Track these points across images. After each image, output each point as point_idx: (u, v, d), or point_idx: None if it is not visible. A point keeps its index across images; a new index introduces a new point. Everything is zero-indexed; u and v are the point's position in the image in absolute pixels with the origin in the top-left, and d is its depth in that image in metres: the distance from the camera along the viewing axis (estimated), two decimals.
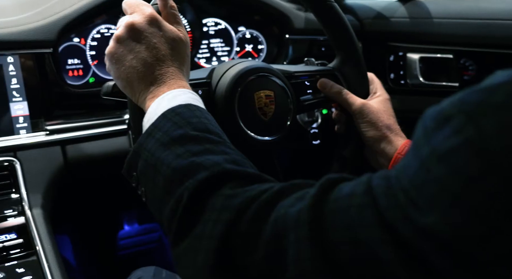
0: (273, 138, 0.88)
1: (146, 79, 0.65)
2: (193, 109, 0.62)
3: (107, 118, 1.12)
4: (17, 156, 0.96)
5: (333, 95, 0.94)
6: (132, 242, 1.71)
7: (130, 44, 0.66)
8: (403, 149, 0.87)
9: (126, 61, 0.66)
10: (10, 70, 0.97)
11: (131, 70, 0.66)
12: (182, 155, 0.56)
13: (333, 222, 0.42)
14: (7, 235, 0.85)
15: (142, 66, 0.65)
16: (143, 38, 0.66)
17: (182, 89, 0.65)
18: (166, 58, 0.67)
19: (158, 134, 0.59)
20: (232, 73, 0.86)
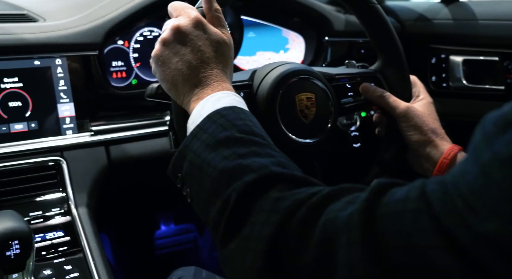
0: (314, 141, 0.88)
1: (191, 81, 0.66)
2: (237, 112, 0.62)
3: (148, 119, 1.14)
4: (63, 156, 0.99)
5: (376, 99, 0.93)
6: (168, 242, 1.73)
7: (176, 47, 0.67)
8: (449, 154, 0.85)
9: (172, 63, 0.67)
10: (58, 72, 0.99)
11: (176, 73, 0.67)
12: (229, 157, 0.56)
13: (386, 226, 0.42)
14: (54, 233, 0.87)
15: (187, 68, 0.66)
16: (189, 41, 0.67)
17: (226, 92, 0.66)
18: (211, 60, 0.67)
19: (204, 136, 0.59)
20: (274, 75, 0.86)
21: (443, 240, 0.38)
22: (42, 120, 0.99)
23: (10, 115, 0.95)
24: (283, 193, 0.51)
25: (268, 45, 1.33)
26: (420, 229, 0.39)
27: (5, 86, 0.94)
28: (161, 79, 0.70)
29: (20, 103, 0.96)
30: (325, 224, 0.46)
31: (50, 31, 0.97)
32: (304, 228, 0.47)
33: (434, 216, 0.39)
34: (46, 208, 0.92)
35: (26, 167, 0.95)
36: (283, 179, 0.53)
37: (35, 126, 0.98)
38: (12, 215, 0.72)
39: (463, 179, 0.39)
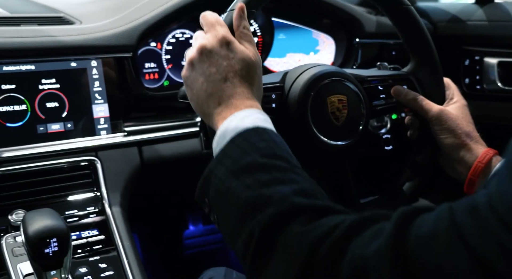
0: (345, 143, 0.87)
1: (215, 101, 0.67)
2: (260, 133, 0.62)
3: (179, 120, 1.15)
4: (98, 156, 1.01)
5: (408, 102, 0.92)
6: (196, 242, 1.74)
7: (202, 67, 0.68)
8: (484, 158, 0.84)
9: (198, 83, 0.68)
10: (94, 74, 1.01)
11: (201, 93, 0.68)
12: (251, 186, 0.56)
13: (418, 263, 0.40)
14: (89, 231, 0.89)
15: (211, 88, 0.67)
16: (214, 60, 0.68)
17: (250, 110, 0.66)
18: (236, 79, 0.68)
19: (228, 161, 0.60)
20: (305, 77, 0.86)
21: (482, 272, 0.37)
22: (78, 120, 1.01)
23: (48, 116, 0.98)
24: (305, 227, 0.50)
25: (298, 47, 1.33)
26: (456, 264, 0.38)
27: (43, 87, 0.97)
28: (189, 98, 0.72)
29: (57, 104, 0.98)
30: (352, 262, 0.45)
31: (86, 34, 1.00)
32: (330, 265, 0.46)
33: (469, 248, 0.38)
34: (81, 207, 0.94)
35: (62, 167, 0.97)
36: (305, 211, 0.52)
37: (71, 127, 1.00)
38: (50, 213, 0.73)
39: (501, 200, 0.37)
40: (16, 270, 0.77)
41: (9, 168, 0.92)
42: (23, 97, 0.95)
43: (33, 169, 0.95)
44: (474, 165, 0.84)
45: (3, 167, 0.92)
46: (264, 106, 0.84)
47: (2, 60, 0.92)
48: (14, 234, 0.84)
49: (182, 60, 1.19)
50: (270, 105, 0.85)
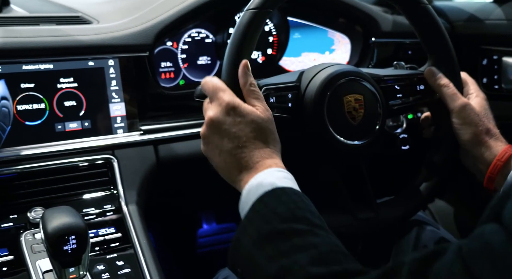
0: (362, 143, 0.87)
1: (235, 169, 0.70)
2: (279, 194, 0.64)
3: (195, 119, 1.15)
4: (114, 154, 1.01)
5: (437, 87, 0.90)
6: (210, 240, 1.75)
7: (214, 140, 0.72)
8: (503, 155, 0.83)
9: (216, 156, 0.72)
10: (111, 73, 1.02)
11: (221, 164, 0.71)
12: (273, 256, 0.57)
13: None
14: (107, 229, 0.90)
15: (228, 158, 0.70)
16: (223, 131, 0.71)
17: (268, 170, 0.68)
18: (249, 142, 0.70)
19: (250, 230, 0.61)
20: (322, 76, 0.86)
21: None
22: (95, 119, 1.02)
23: (66, 114, 0.99)
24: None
25: (314, 46, 1.33)
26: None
27: (61, 86, 0.98)
28: (216, 169, 0.74)
29: (75, 103, 0.99)
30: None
31: (103, 33, 1.00)
32: None
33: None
34: (98, 205, 0.95)
35: (79, 165, 0.98)
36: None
37: (88, 125, 1.01)
38: (69, 211, 0.74)
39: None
40: (35, 266, 0.78)
41: (27, 166, 0.93)
42: (42, 96, 0.96)
43: (51, 167, 0.96)
44: (493, 163, 0.83)
45: (22, 165, 0.93)
46: (280, 105, 0.85)
47: (22, 59, 0.93)
48: (33, 231, 0.85)
49: (197, 59, 1.19)
50: (286, 105, 0.85)
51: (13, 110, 0.94)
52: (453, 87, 0.89)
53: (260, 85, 0.81)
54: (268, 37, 1.26)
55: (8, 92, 0.93)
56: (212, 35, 1.20)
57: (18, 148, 0.94)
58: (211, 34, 1.20)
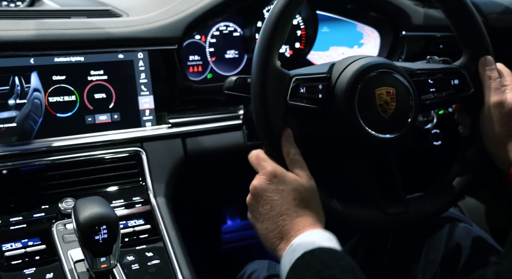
0: (393, 136, 0.85)
1: (276, 237, 0.70)
2: (307, 259, 0.63)
3: (222, 113, 1.15)
4: (143, 147, 1.02)
5: (485, 77, 0.87)
6: (234, 236, 1.75)
7: (258, 207, 0.73)
8: None
9: (258, 223, 0.73)
10: (140, 66, 1.02)
11: (264, 232, 0.72)
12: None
13: None
14: (136, 221, 0.90)
15: (270, 225, 0.71)
16: (266, 199, 0.72)
17: (306, 233, 0.68)
18: (291, 210, 0.71)
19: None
20: (353, 68, 0.85)
21: None
22: (124, 111, 1.02)
23: (95, 106, 0.99)
24: None
25: (342, 40, 1.31)
26: None
27: (91, 78, 0.98)
28: (259, 237, 0.75)
29: (105, 95, 1.00)
30: None
31: (133, 26, 1.01)
32: None
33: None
34: (127, 197, 0.95)
35: (109, 157, 0.99)
36: None
37: (118, 118, 1.02)
38: (100, 201, 0.75)
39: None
40: (67, 256, 0.79)
41: (58, 157, 0.94)
42: (73, 88, 0.97)
43: (81, 159, 0.96)
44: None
45: (53, 156, 0.94)
46: (310, 96, 0.84)
47: (54, 51, 0.94)
48: (64, 222, 0.86)
49: (225, 53, 1.19)
50: (317, 96, 0.84)
51: (45, 102, 0.95)
52: (498, 82, 0.86)
53: (290, 75, 0.81)
54: (296, 30, 1.24)
55: (41, 84, 0.94)
56: (240, 28, 1.19)
57: (50, 139, 0.95)
58: (239, 27, 1.19)
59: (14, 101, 0.92)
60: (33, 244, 0.81)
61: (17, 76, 0.91)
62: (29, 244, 0.81)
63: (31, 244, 0.81)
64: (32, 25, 0.92)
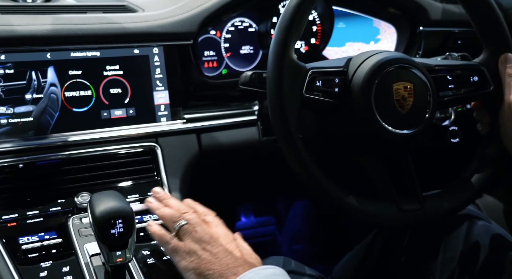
0: (410, 132, 0.84)
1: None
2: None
3: (237, 108, 1.15)
4: (158, 142, 1.02)
5: (505, 75, 0.85)
6: (248, 233, 1.74)
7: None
8: None
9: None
10: (155, 61, 1.02)
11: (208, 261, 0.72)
12: None
13: None
14: (151, 216, 0.90)
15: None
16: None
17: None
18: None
19: None
20: (371, 63, 0.84)
21: None
22: (139, 107, 1.02)
23: (111, 101, 0.99)
24: None
25: (358, 36, 1.30)
26: None
27: (107, 73, 0.98)
28: None
29: (120, 90, 1.00)
30: None
31: (149, 21, 1.01)
32: None
33: None
34: (142, 192, 0.95)
35: (124, 152, 0.99)
36: None
37: (133, 113, 1.02)
38: (116, 195, 0.74)
39: None
40: (83, 249, 0.79)
41: (74, 151, 0.95)
42: (89, 83, 0.97)
43: (97, 154, 0.97)
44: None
45: (69, 150, 0.94)
46: (326, 89, 0.83)
47: (70, 46, 0.94)
48: (80, 216, 0.86)
49: (240, 49, 1.18)
50: (333, 89, 0.83)
51: (61, 96, 0.95)
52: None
53: (306, 68, 0.80)
54: (311, 26, 1.24)
55: (57, 78, 0.94)
56: (256, 24, 1.19)
57: (66, 134, 0.95)
58: (255, 23, 1.18)
59: (31, 95, 0.92)
60: (49, 237, 0.82)
61: (34, 71, 0.92)
62: (45, 238, 0.82)
63: (47, 238, 0.82)
64: (49, 20, 0.93)
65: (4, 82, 0.90)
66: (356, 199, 0.83)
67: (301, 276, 0.92)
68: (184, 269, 0.72)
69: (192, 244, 0.73)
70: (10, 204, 0.86)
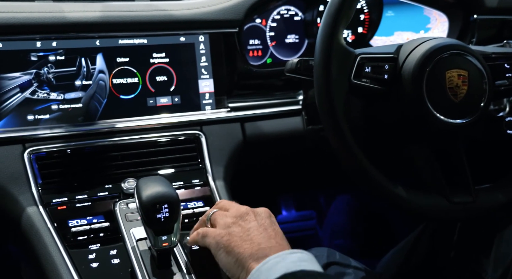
0: (463, 122, 0.81)
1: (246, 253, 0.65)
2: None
3: (282, 98, 1.14)
4: (202, 130, 1.02)
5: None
6: (288, 227, 1.73)
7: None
8: None
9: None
10: (201, 49, 1.02)
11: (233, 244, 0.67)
12: None
13: None
14: (195, 203, 0.90)
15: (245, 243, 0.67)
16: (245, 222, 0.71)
17: (287, 253, 0.62)
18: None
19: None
20: (423, 49, 0.81)
21: None
22: (184, 95, 1.02)
23: (157, 89, 1.00)
24: None
25: (408, 25, 1.25)
26: None
27: (153, 61, 0.99)
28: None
29: (166, 78, 1.00)
30: None
31: (195, 8, 1.00)
32: None
33: None
34: (186, 179, 0.96)
35: (169, 139, 0.99)
36: None
37: (178, 101, 1.02)
38: (162, 180, 0.75)
39: None
40: (130, 234, 0.80)
41: (121, 138, 0.96)
42: (136, 70, 0.98)
43: (143, 141, 0.97)
44: None
45: (116, 137, 0.96)
46: (375, 76, 0.81)
47: (119, 33, 0.95)
48: (127, 201, 0.87)
49: (285, 37, 1.17)
50: (382, 76, 0.81)
51: (109, 83, 0.96)
52: None
53: (355, 53, 0.78)
54: (359, 15, 1.20)
55: (105, 65, 0.95)
56: (302, 12, 1.17)
57: (113, 120, 0.97)
58: (301, 11, 1.16)
59: (81, 82, 0.94)
60: (97, 221, 0.83)
61: (84, 58, 0.93)
62: (93, 221, 0.83)
63: (95, 222, 0.83)
64: (98, 7, 0.94)
65: (55, 68, 0.91)
66: (405, 190, 0.81)
67: (346, 268, 0.90)
68: (215, 247, 0.67)
69: (224, 220, 0.69)
70: (60, 188, 0.88)
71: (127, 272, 0.75)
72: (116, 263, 0.77)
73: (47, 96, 0.91)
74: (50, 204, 0.85)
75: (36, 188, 0.85)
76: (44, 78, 0.91)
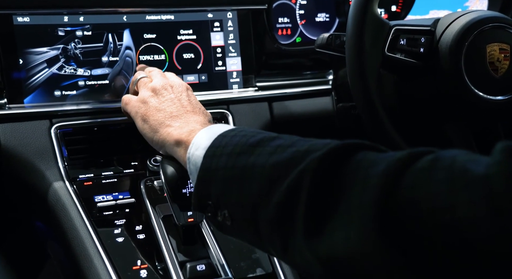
0: (505, 98, 0.77)
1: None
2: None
3: (311, 77, 1.12)
4: (229, 109, 1.00)
5: None
6: None
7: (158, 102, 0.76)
8: None
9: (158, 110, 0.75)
10: (229, 26, 1.00)
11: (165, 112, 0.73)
12: (276, 151, 0.50)
13: None
14: None
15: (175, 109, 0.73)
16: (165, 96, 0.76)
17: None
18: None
19: (227, 149, 0.54)
20: (462, 22, 0.77)
21: None
22: (211, 73, 1.01)
23: (184, 67, 0.98)
24: (377, 155, 0.44)
25: (444, 3, 1.21)
26: None
27: (181, 38, 0.97)
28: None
29: (193, 55, 0.99)
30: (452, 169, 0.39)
31: None
32: (422, 183, 0.39)
33: None
34: None
35: None
36: (360, 147, 0.46)
37: (205, 79, 1.00)
38: None
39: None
40: (155, 210, 0.79)
41: None
42: (163, 47, 0.97)
43: None
44: None
45: None
46: (411, 49, 0.77)
47: (146, 8, 0.94)
48: (152, 178, 0.86)
49: (316, 16, 1.13)
50: (418, 50, 0.77)
51: (136, 60, 0.95)
52: None
53: (390, 25, 0.75)
54: None
55: (132, 42, 0.94)
56: None
57: None
58: None
59: (107, 58, 0.93)
60: (123, 197, 0.83)
61: (111, 33, 0.92)
62: (119, 197, 0.82)
63: (121, 197, 0.82)
64: None
65: (82, 44, 0.91)
66: None
67: None
68: (134, 115, 0.74)
69: (144, 92, 0.75)
70: (86, 164, 0.88)
71: (152, 247, 0.74)
72: (142, 238, 0.76)
73: (74, 71, 0.91)
74: (76, 179, 0.84)
75: (63, 164, 0.85)
76: (71, 53, 0.90)
